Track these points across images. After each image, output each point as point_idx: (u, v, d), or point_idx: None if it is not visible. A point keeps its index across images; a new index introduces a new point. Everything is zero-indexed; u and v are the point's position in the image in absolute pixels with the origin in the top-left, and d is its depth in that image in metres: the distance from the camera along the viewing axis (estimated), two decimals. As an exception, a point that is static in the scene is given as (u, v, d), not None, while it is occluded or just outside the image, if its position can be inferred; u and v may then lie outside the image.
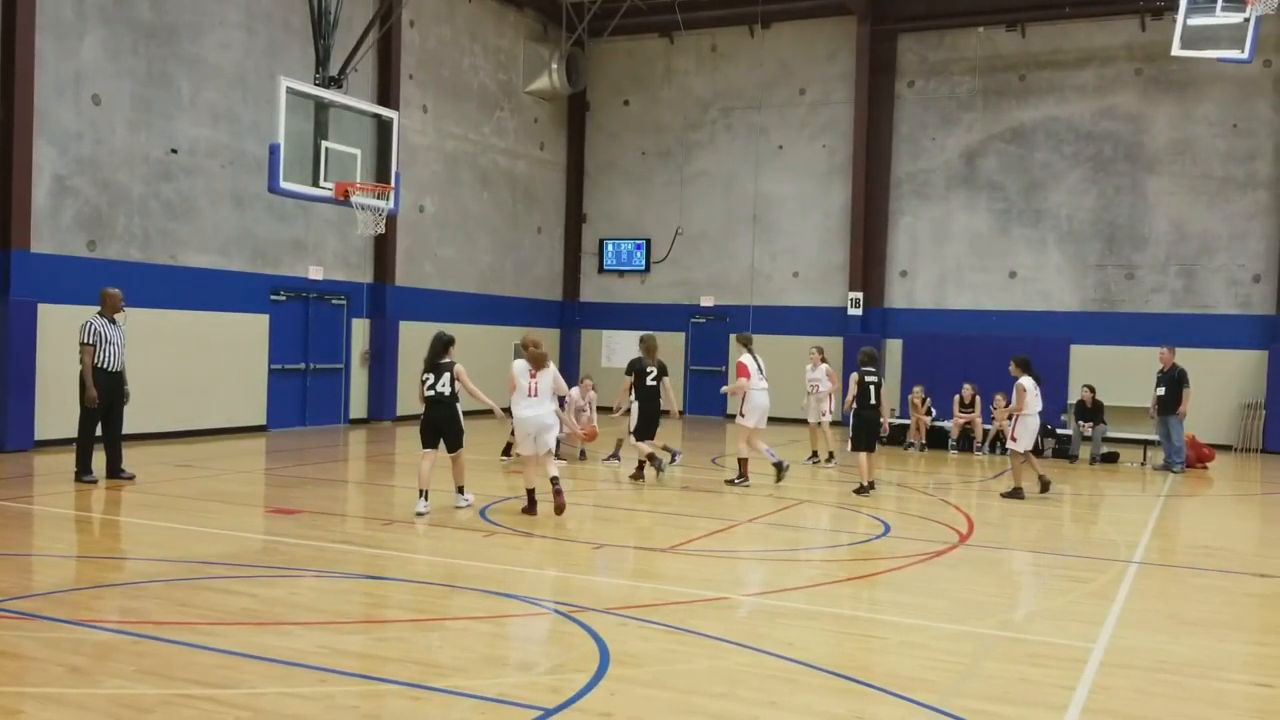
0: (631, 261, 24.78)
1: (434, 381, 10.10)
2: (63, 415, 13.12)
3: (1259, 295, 19.77)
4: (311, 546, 8.58)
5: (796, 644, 6.13)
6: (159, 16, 15.54)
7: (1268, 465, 17.75)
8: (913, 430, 18.21)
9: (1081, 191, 20.99)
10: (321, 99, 12.49)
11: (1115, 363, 20.07)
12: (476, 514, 10.25)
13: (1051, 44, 21.21)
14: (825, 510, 11.65)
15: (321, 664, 5.51)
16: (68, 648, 5.69)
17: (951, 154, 21.98)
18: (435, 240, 21.30)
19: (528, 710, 4.91)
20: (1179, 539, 10.93)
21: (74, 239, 14.57)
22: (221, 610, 6.52)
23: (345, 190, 12.63)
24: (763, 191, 23.49)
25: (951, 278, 22.04)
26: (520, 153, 23.63)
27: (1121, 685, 5.60)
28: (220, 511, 10.17)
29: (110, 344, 11.36)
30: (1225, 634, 6.80)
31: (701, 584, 7.81)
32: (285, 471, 13.41)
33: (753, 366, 13.13)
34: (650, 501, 11.80)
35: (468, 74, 21.95)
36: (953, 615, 6.97)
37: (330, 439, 17.30)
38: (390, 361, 19.79)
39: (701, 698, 5.19)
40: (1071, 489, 13.85)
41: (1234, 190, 19.96)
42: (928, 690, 5.37)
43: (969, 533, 10.15)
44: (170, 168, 15.80)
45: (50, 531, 9.35)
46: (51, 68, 14.15)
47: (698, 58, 24.13)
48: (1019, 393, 12.72)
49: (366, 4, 17.99)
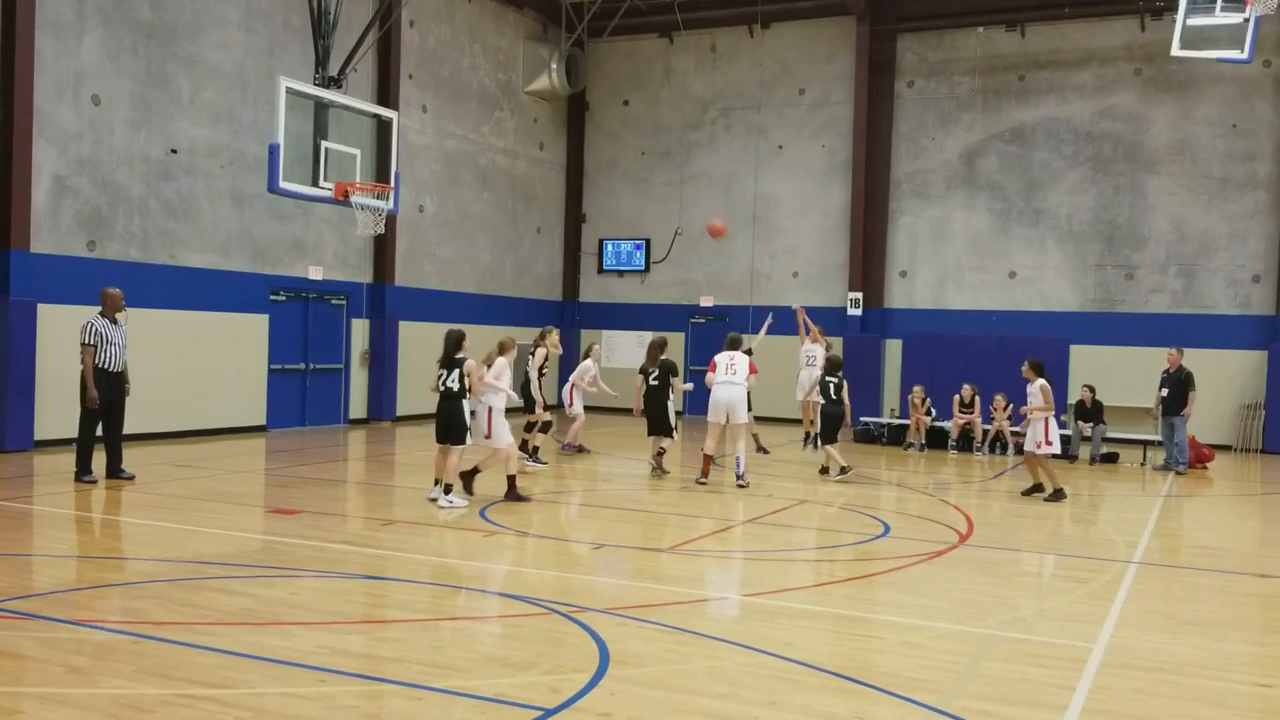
0: (631, 261, 24.78)
1: (446, 377, 10.60)
2: (62, 415, 13.13)
3: (1258, 295, 19.77)
4: (311, 547, 8.58)
5: (796, 644, 6.13)
6: (159, 16, 15.54)
7: (1267, 465, 17.75)
8: (912, 430, 18.20)
9: (1081, 191, 20.99)
10: (321, 99, 12.50)
11: (1115, 363, 20.08)
12: (476, 514, 10.25)
13: (1051, 44, 21.21)
14: (825, 510, 11.65)
15: (321, 664, 5.51)
16: (68, 648, 5.69)
17: (951, 154, 21.99)
18: (435, 240, 21.30)
19: (527, 710, 4.91)
20: (1179, 539, 10.93)
21: (74, 239, 14.57)
22: (221, 610, 6.52)
23: (345, 190, 12.64)
24: (762, 191, 23.49)
25: (951, 278, 22.04)
26: (520, 153, 23.63)
27: (1121, 685, 5.60)
28: (220, 511, 10.17)
29: (111, 344, 11.35)
30: (1225, 634, 6.80)
31: (701, 584, 7.82)
32: (285, 472, 13.41)
33: (721, 363, 13.21)
34: (650, 501, 11.80)
35: (467, 74, 21.95)
36: (952, 615, 6.97)
37: (330, 439, 17.30)
38: (390, 362, 19.78)
39: (701, 698, 5.19)
40: (1071, 489, 13.84)
41: (1233, 190, 19.97)
42: (927, 690, 5.37)
43: (969, 533, 10.15)
44: (170, 168, 15.80)
45: (50, 531, 9.35)
46: (51, 68, 14.15)
47: (697, 58, 24.14)
48: (1045, 394, 12.47)
49: (366, 4, 17.99)
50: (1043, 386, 12.50)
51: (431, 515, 10.12)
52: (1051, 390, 12.70)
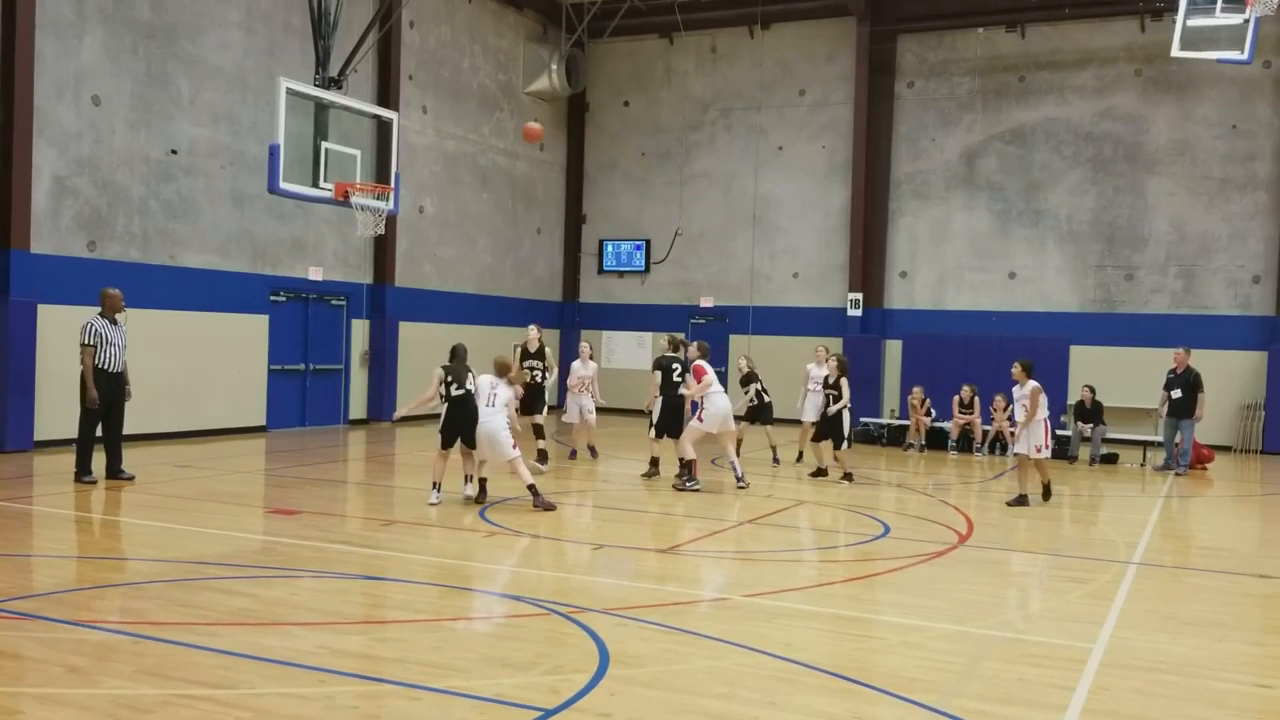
0: (631, 262, 24.78)
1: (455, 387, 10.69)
2: (62, 416, 13.12)
3: (1258, 296, 19.77)
4: (311, 547, 8.58)
5: (796, 644, 6.13)
6: (159, 17, 15.55)
7: (1267, 466, 17.75)
8: (912, 431, 18.21)
9: (1081, 192, 20.99)
10: (321, 99, 12.50)
11: (1115, 363, 20.07)
12: (476, 514, 10.25)
13: (1051, 45, 21.21)
14: (825, 511, 11.65)
15: (321, 664, 5.51)
16: (67, 648, 5.69)
17: (951, 154, 21.99)
18: (435, 241, 21.30)
19: (527, 710, 4.91)
20: (1179, 540, 10.93)
21: (73, 239, 14.57)
22: (221, 610, 6.52)
23: (345, 191, 12.63)
24: (762, 192, 23.49)
25: (951, 278, 22.04)
26: (520, 153, 23.63)
27: (1121, 685, 5.60)
28: (220, 512, 10.17)
29: (111, 345, 11.35)
30: (1225, 634, 6.80)
31: (701, 584, 7.82)
32: (285, 472, 13.41)
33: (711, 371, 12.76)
34: (650, 502, 11.80)
35: (467, 75, 21.96)
36: (952, 616, 6.97)
37: (330, 439, 17.30)
38: (390, 362, 19.79)
39: (701, 698, 5.19)
40: (1071, 490, 13.85)
41: (1233, 191, 19.97)
42: (927, 691, 5.37)
43: (968, 533, 10.15)
44: (170, 168, 15.80)
45: (50, 532, 9.35)
46: (51, 68, 14.15)
47: (697, 58, 24.14)
48: (1037, 395, 11.91)
49: (366, 4, 17.99)
50: (1035, 389, 11.92)
51: (431, 515, 10.12)
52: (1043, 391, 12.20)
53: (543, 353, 13.87)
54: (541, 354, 13.83)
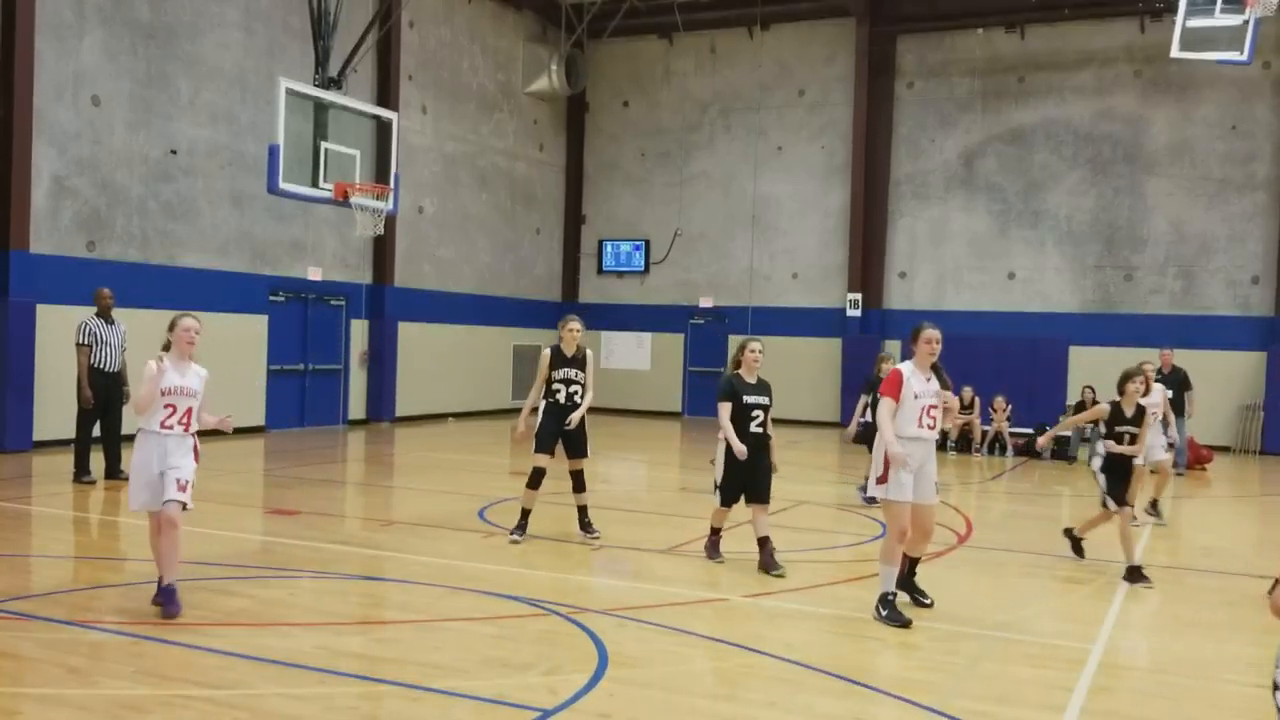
0: (630, 262, 24.78)
1: None
2: (61, 416, 13.09)
3: (1258, 297, 19.77)
4: (310, 547, 8.58)
5: (795, 645, 6.12)
6: (158, 17, 15.54)
7: (1266, 467, 17.75)
8: (912, 431, 18.16)
9: (1080, 193, 20.99)
10: (321, 100, 12.50)
11: (1114, 364, 19.76)
12: (475, 515, 10.25)
13: (1051, 45, 21.21)
14: (825, 511, 11.65)
15: (320, 665, 5.50)
16: (66, 648, 5.68)
17: (950, 155, 21.99)
18: (434, 241, 21.30)
19: (526, 711, 4.91)
20: (1178, 540, 10.93)
21: (73, 239, 14.57)
22: (220, 611, 6.51)
23: (344, 191, 12.65)
24: (762, 192, 23.49)
25: (950, 279, 22.04)
26: (519, 154, 23.62)
27: (1121, 686, 5.60)
28: (219, 512, 10.15)
29: (106, 345, 11.35)
30: (1224, 635, 6.80)
31: (700, 584, 7.81)
32: (284, 472, 13.40)
33: None
34: (649, 503, 11.80)
35: (467, 75, 21.95)
36: (951, 616, 6.97)
37: (329, 440, 17.29)
38: (389, 362, 19.78)
39: (700, 699, 5.19)
40: (1071, 490, 13.84)
41: (1233, 192, 19.97)
42: (926, 691, 5.36)
43: (968, 534, 10.15)
44: (169, 168, 15.80)
45: (49, 532, 9.34)
46: (51, 68, 14.14)
47: (697, 59, 24.14)
48: None
49: (366, 4, 17.98)
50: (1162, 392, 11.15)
51: (430, 516, 10.10)
52: None
53: (584, 359, 9.25)
54: (582, 361, 9.23)
